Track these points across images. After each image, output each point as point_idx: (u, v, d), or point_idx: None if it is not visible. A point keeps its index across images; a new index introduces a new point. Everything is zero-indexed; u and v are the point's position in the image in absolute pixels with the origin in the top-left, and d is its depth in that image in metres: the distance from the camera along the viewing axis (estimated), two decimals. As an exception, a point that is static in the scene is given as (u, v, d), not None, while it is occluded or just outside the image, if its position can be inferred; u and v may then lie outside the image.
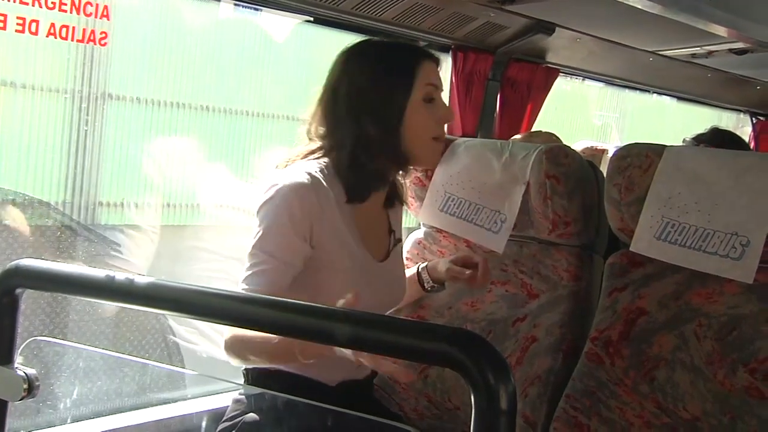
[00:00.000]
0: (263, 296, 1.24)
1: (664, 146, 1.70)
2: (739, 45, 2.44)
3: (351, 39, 1.72)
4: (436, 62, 1.67)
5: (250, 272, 1.52)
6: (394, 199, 1.79)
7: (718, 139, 2.56)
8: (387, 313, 1.73)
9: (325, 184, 1.57)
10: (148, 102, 3.09)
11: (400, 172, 1.76)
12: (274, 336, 1.31)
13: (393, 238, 1.77)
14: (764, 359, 1.51)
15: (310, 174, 1.56)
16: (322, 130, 1.63)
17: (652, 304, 1.67)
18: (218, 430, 1.64)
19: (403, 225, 1.88)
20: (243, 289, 1.51)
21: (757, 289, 1.55)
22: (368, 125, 1.58)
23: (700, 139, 2.58)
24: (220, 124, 3.43)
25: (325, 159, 1.61)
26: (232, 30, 3.31)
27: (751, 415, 1.49)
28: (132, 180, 2.98)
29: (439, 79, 1.66)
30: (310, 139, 1.66)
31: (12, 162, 2.50)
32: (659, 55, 2.62)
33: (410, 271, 1.91)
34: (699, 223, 1.60)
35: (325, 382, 1.65)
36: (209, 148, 3.28)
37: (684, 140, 2.61)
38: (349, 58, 1.64)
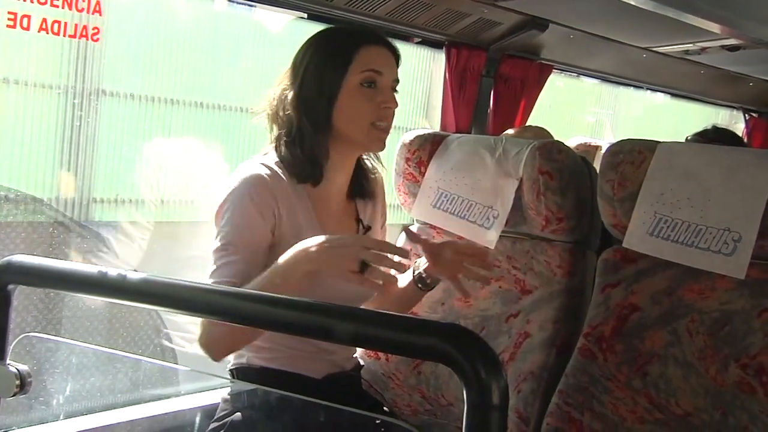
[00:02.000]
0: (256, 292, 1.25)
1: (657, 142, 1.71)
2: (732, 41, 2.44)
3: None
4: (388, 47, 1.64)
5: (215, 266, 1.52)
6: (361, 190, 1.76)
7: (719, 137, 2.57)
8: (362, 306, 1.71)
9: (279, 172, 1.58)
10: (142, 98, 3.08)
11: (366, 160, 1.75)
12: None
13: (361, 227, 1.75)
14: (756, 354, 1.52)
15: (261, 163, 1.58)
16: (271, 113, 1.65)
17: (645, 300, 1.68)
18: (208, 430, 1.64)
19: (398, 221, 1.87)
20: (210, 283, 1.50)
21: (749, 285, 1.56)
22: (305, 108, 1.60)
23: (702, 137, 2.58)
24: (214, 121, 3.43)
25: (281, 147, 1.62)
26: (227, 26, 3.31)
27: (742, 409, 1.50)
28: (126, 176, 2.98)
29: (387, 65, 1.62)
30: (272, 123, 1.67)
31: (5, 158, 2.50)
32: (652, 51, 2.62)
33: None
34: (691, 218, 1.61)
35: (311, 375, 1.65)
36: (203, 144, 3.28)
37: (687, 138, 2.61)
38: (303, 47, 1.65)
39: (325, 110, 1.60)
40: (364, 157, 1.76)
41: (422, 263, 1.75)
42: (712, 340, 1.57)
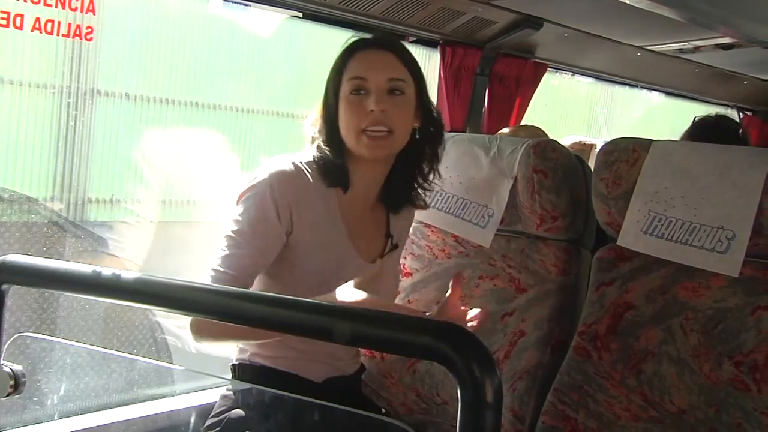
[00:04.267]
0: (252, 292, 1.25)
1: (650, 141, 1.71)
2: (726, 40, 2.45)
3: (339, 34, 1.72)
4: (381, 47, 1.61)
5: (222, 253, 1.52)
6: (396, 202, 1.74)
7: (721, 123, 2.55)
8: None
9: (308, 172, 1.58)
10: (137, 98, 3.07)
11: (411, 171, 1.71)
12: None
13: (390, 242, 1.75)
14: (749, 352, 1.52)
15: (293, 163, 1.58)
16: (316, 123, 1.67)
17: (639, 298, 1.68)
18: (205, 425, 1.64)
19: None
20: (212, 269, 1.50)
21: (743, 283, 1.56)
22: (323, 119, 1.63)
23: (703, 123, 2.56)
24: (209, 120, 3.42)
25: (315, 152, 1.63)
26: (221, 25, 3.30)
27: (736, 407, 1.51)
28: (121, 176, 2.97)
29: (374, 69, 1.58)
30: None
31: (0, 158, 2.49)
32: (647, 50, 2.63)
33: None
34: (685, 217, 1.61)
35: (311, 378, 1.65)
36: (198, 144, 3.28)
37: (692, 122, 2.58)
38: None
39: (332, 119, 1.61)
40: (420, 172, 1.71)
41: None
42: (706, 337, 1.57)
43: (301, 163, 1.59)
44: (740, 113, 3.76)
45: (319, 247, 1.59)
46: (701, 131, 2.48)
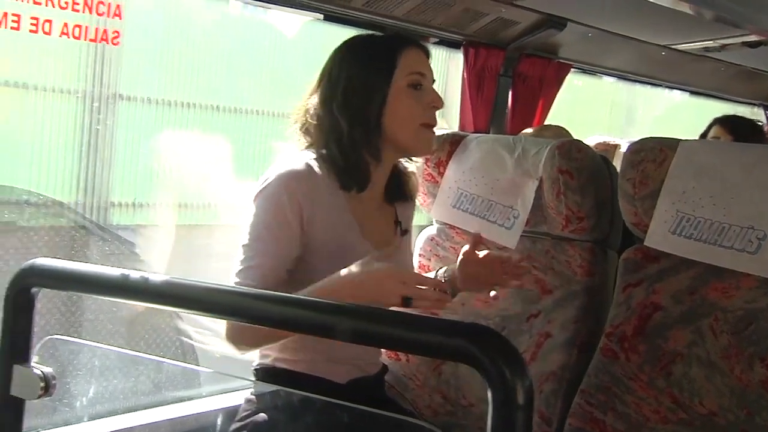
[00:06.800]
0: (277, 293, 1.24)
1: (678, 140, 1.69)
2: (753, 38, 2.41)
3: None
4: (424, 51, 1.66)
5: (244, 266, 1.52)
6: (400, 193, 1.76)
7: (743, 123, 2.55)
8: None
9: (319, 171, 1.57)
10: (159, 102, 3.10)
11: (401, 162, 1.74)
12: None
13: (399, 229, 1.75)
14: (781, 353, 1.50)
15: (304, 162, 1.57)
16: (314, 123, 1.64)
17: (667, 299, 1.66)
18: (230, 430, 1.64)
19: (416, 222, 1.86)
20: (235, 283, 1.50)
21: (774, 283, 1.54)
22: (354, 114, 1.59)
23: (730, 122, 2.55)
24: (229, 124, 3.44)
25: (322, 150, 1.62)
26: (242, 29, 3.32)
27: (768, 409, 1.48)
28: (143, 180, 2.99)
29: (427, 67, 1.65)
30: (304, 132, 1.66)
31: (24, 162, 2.52)
32: (672, 49, 2.60)
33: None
34: (714, 217, 1.59)
35: (335, 380, 1.65)
36: (218, 147, 3.29)
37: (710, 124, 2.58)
38: (337, 53, 1.65)
39: (375, 115, 1.60)
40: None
41: (442, 272, 1.74)
42: (737, 339, 1.55)
43: (311, 160, 1.58)
44: (766, 111, 3.73)
45: (334, 246, 1.58)
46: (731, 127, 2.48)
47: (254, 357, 1.68)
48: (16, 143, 2.51)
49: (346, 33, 2.19)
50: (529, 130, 2.49)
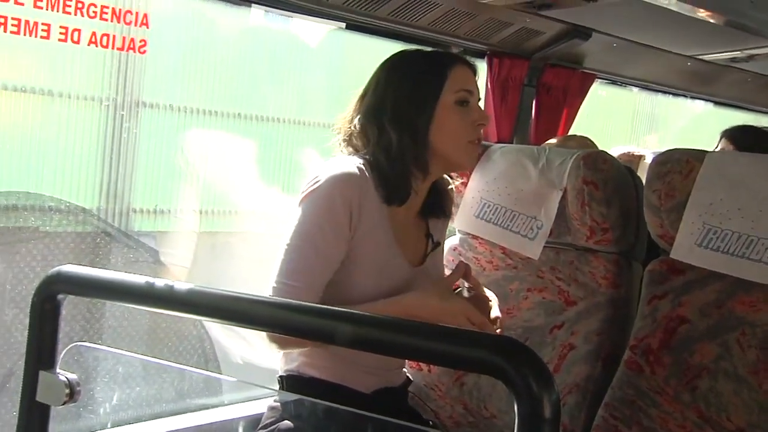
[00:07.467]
0: (302, 303, 1.24)
1: (705, 152, 1.67)
2: (782, 48, 2.40)
3: (386, 45, 1.72)
4: (472, 69, 1.68)
5: (287, 265, 1.51)
6: (438, 209, 1.76)
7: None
8: None
9: (369, 177, 1.57)
10: (181, 109, 3.11)
11: (444, 178, 1.75)
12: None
13: (431, 242, 1.75)
14: (811, 369, 1.48)
15: (355, 165, 1.57)
16: (360, 134, 1.64)
17: (693, 312, 1.64)
18: None
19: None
20: (279, 283, 1.50)
21: (803, 297, 1.52)
22: (404, 126, 1.60)
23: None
24: (252, 132, 3.45)
25: (368, 158, 1.62)
26: (265, 37, 3.33)
27: (797, 426, 1.46)
28: (164, 187, 3.00)
29: (475, 85, 1.67)
30: (347, 143, 1.67)
31: (48, 169, 2.54)
32: (698, 59, 2.58)
33: None
34: (742, 229, 1.57)
35: (360, 389, 1.64)
36: (240, 154, 3.30)
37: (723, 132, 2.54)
38: (386, 67, 1.66)
39: (424, 128, 1.61)
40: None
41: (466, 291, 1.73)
42: (765, 353, 1.53)
43: (360, 165, 1.57)
44: (793, 122, 3.68)
45: (372, 256, 1.58)
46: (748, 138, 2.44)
47: (281, 363, 1.67)
48: (41, 150, 2.54)
49: (370, 42, 2.19)
50: (553, 141, 2.48)
